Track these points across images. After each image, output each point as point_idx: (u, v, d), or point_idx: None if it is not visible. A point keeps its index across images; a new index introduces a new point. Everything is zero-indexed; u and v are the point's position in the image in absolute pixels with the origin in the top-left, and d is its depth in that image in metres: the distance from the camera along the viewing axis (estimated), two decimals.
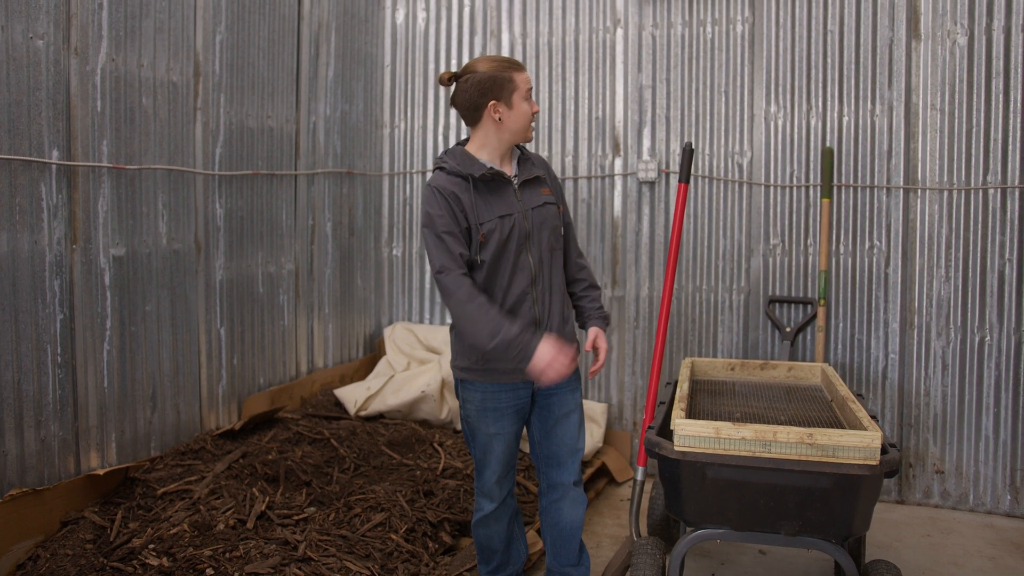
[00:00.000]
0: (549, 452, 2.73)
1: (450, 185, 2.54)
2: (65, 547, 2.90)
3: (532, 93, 2.64)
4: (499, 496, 2.74)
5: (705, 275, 4.41)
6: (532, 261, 2.62)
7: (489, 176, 2.56)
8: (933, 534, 3.72)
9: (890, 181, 4.07)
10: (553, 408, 2.70)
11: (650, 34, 4.46)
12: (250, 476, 3.46)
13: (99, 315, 3.21)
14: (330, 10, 4.51)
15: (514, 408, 2.67)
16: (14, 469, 2.91)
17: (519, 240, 2.58)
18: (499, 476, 2.72)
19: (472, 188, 2.55)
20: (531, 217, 2.61)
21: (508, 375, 2.61)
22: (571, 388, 2.73)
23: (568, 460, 2.72)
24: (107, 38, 3.18)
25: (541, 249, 2.63)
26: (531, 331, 2.51)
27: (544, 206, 2.65)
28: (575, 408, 2.73)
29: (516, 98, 2.57)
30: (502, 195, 2.59)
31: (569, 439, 2.71)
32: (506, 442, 2.68)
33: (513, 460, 2.74)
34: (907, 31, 4.01)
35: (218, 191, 3.79)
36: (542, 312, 2.64)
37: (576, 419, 2.73)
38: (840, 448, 2.40)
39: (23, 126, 2.88)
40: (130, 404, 3.38)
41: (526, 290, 2.61)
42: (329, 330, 4.67)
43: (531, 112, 2.61)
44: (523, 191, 2.64)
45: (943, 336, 4.01)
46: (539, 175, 2.67)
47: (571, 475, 2.72)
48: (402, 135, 5.03)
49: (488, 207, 2.55)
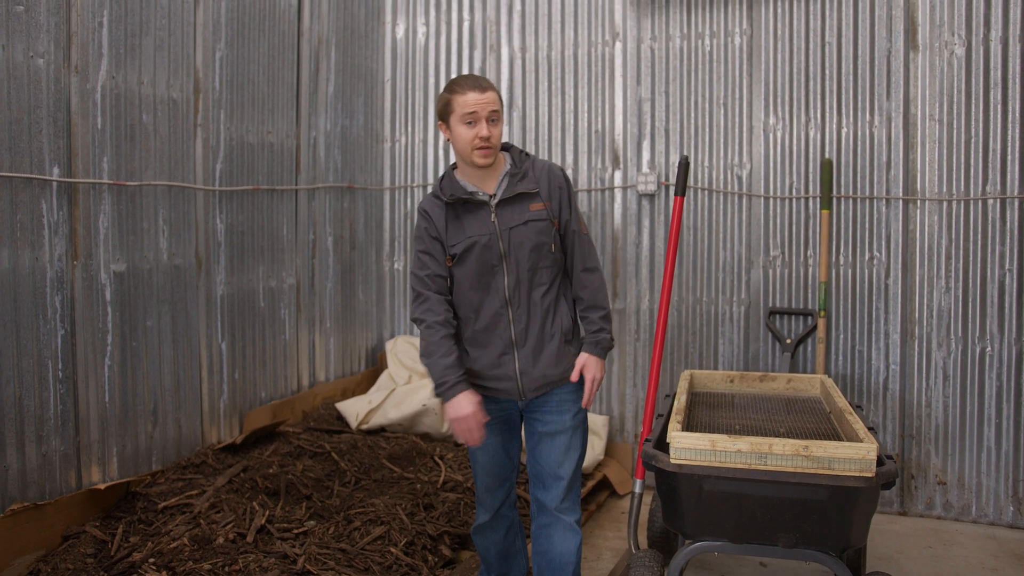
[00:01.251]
0: (533, 471, 2.67)
1: (430, 207, 2.60)
2: (66, 561, 2.91)
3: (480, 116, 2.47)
4: (490, 506, 2.73)
5: (705, 287, 4.41)
6: (507, 282, 2.57)
7: (456, 200, 2.56)
8: (935, 546, 3.70)
9: (889, 192, 4.07)
10: (536, 425, 2.65)
11: (649, 47, 4.48)
12: (251, 490, 3.46)
13: (100, 330, 3.23)
14: (330, 26, 4.55)
15: (499, 419, 2.65)
16: (16, 484, 2.93)
17: (490, 261, 2.55)
18: (487, 486, 2.71)
19: (447, 210, 2.58)
20: (508, 237, 2.55)
21: (487, 389, 2.62)
22: (560, 409, 2.62)
23: (551, 481, 2.61)
24: (107, 56, 3.21)
25: (519, 269, 2.56)
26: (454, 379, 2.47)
27: (528, 224, 2.56)
28: (563, 430, 2.61)
29: (453, 121, 2.52)
30: (477, 216, 2.57)
31: (551, 461, 2.61)
32: (489, 454, 2.67)
33: (504, 473, 2.71)
34: (905, 42, 4.02)
35: (219, 206, 3.82)
36: (518, 334, 2.58)
37: (561, 442, 2.61)
38: (836, 460, 2.40)
39: (24, 144, 2.91)
40: (131, 419, 3.40)
41: (499, 311, 2.58)
42: (331, 344, 4.69)
43: (472, 136, 2.48)
44: (502, 210, 2.57)
45: (944, 347, 4.01)
46: (526, 191, 2.56)
47: (554, 499, 2.61)
48: (403, 149, 5.06)
49: (458, 229, 2.56)
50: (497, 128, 2.53)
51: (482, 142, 2.49)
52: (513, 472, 2.75)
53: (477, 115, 2.48)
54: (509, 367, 2.59)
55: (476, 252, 2.55)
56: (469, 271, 2.57)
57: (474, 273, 2.56)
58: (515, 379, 2.59)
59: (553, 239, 2.60)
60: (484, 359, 2.60)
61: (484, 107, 2.48)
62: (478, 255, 2.55)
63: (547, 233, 2.58)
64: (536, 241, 2.56)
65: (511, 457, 2.72)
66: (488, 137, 2.49)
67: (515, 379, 2.59)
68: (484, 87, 2.50)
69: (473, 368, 2.61)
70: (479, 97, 2.48)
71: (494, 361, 2.59)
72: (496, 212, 2.56)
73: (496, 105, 2.52)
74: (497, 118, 2.53)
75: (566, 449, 2.62)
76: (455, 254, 2.57)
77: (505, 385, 2.60)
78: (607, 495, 4.29)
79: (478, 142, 2.49)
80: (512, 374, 2.59)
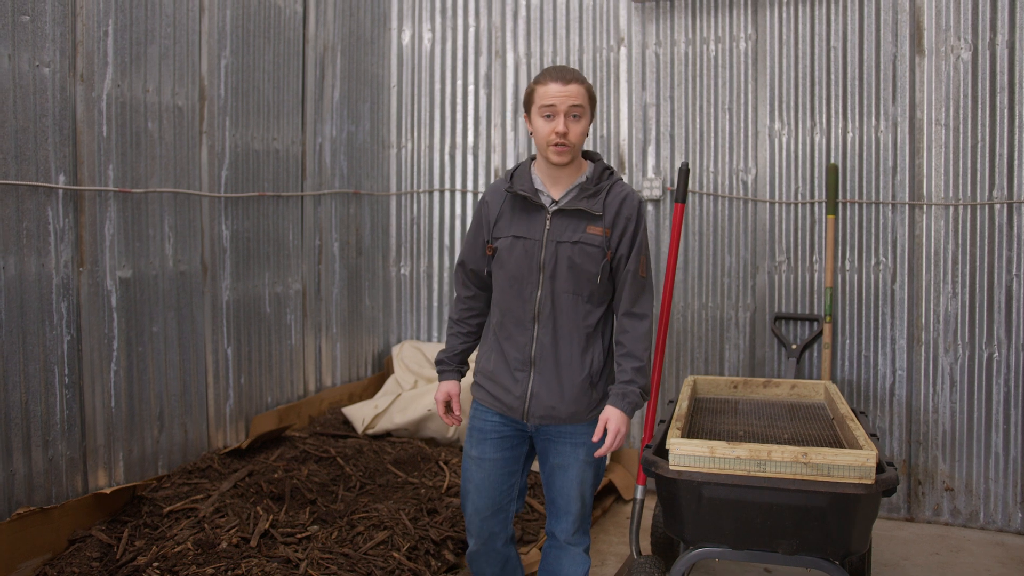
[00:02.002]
0: (548, 498, 2.56)
1: (492, 193, 2.54)
2: (72, 565, 2.94)
3: (560, 110, 2.33)
4: (480, 535, 2.55)
5: (711, 292, 4.41)
6: (539, 296, 2.42)
7: (516, 194, 2.45)
8: (942, 552, 3.67)
9: (895, 197, 4.05)
10: (548, 456, 2.52)
11: (653, 52, 4.48)
12: (255, 495, 3.48)
13: (106, 336, 3.26)
14: (335, 33, 4.58)
15: (499, 435, 2.51)
16: (22, 488, 2.95)
17: (528, 268, 2.42)
18: (476, 508, 2.53)
19: (507, 201, 2.48)
20: (552, 249, 2.40)
21: (491, 399, 2.52)
22: (572, 442, 2.48)
23: (561, 514, 2.52)
24: (112, 65, 3.24)
25: (555, 287, 2.40)
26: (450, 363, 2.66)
27: (577, 244, 2.38)
28: (575, 463, 2.48)
29: (533, 112, 2.39)
30: (531, 217, 2.43)
31: (564, 493, 2.50)
32: (485, 470, 2.50)
33: (500, 499, 2.53)
34: (911, 47, 4.01)
35: (224, 213, 3.84)
36: (539, 354, 2.44)
37: (574, 475, 2.48)
38: (835, 467, 2.39)
39: (30, 152, 2.94)
40: (138, 424, 3.42)
41: (525, 324, 2.45)
42: (337, 349, 4.71)
43: (549, 131, 2.33)
44: (557, 220, 2.41)
45: (951, 352, 3.98)
46: (588, 209, 2.38)
47: (563, 532, 2.52)
48: (409, 155, 5.08)
49: (509, 224, 2.45)
50: (578, 125, 2.35)
51: (558, 138, 2.33)
52: (511, 504, 2.56)
53: (556, 108, 2.32)
54: (521, 385, 2.46)
55: (516, 253, 2.42)
56: (505, 271, 2.46)
57: (509, 276, 2.45)
58: (523, 400, 2.45)
59: (601, 270, 2.40)
60: (499, 370, 2.50)
61: (564, 101, 2.32)
62: (517, 257, 2.42)
63: (595, 261, 2.39)
64: (580, 264, 2.39)
65: (511, 482, 2.54)
66: (565, 133, 2.33)
67: (523, 400, 2.45)
68: (568, 79, 2.33)
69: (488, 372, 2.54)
70: (560, 90, 2.32)
71: (507, 374, 2.48)
72: (551, 220, 2.41)
73: (579, 100, 2.34)
74: (581, 114, 2.35)
75: (579, 483, 2.50)
76: (496, 248, 2.47)
77: (511, 402, 2.47)
78: (612, 500, 4.28)
79: (554, 138, 2.33)
80: (522, 394, 2.45)
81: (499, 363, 2.50)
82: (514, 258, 2.43)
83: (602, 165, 2.49)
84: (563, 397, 2.44)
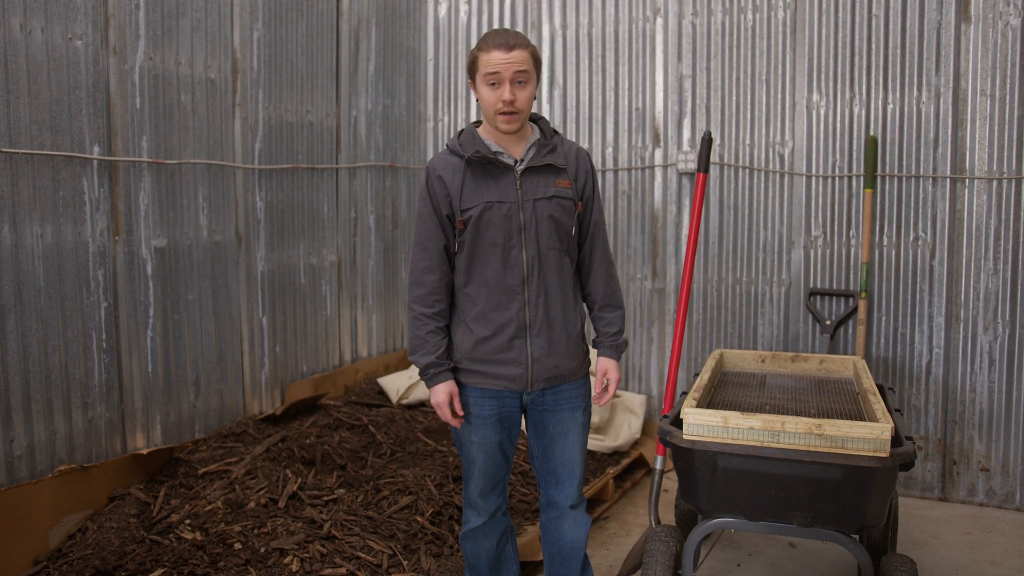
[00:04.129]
0: (547, 469, 2.54)
1: (441, 167, 2.38)
2: (111, 520, 3.07)
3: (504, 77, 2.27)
4: (485, 511, 2.54)
5: (745, 267, 4.36)
6: (525, 258, 2.37)
7: (480, 158, 2.34)
8: (973, 532, 3.60)
9: (936, 170, 3.94)
10: (547, 425, 2.49)
11: (690, 22, 4.42)
12: (287, 459, 3.58)
13: (142, 303, 3.37)
14: (370, 5, 4.60)
15: (497, 417, 2.46)
16: (64, 447, 3.09)
17: (509, 232, 2.35)
18: (482, 489, 2.51)
19: (466, 169, 2.37)
20: (530, 208, 2.36)
21: (490, 379, 2.42)
22: (570, 406, 2.48)
23: (565, 481, 2.52)
24: (144, 37, 3.32)
25: (539, 245, 2.37)
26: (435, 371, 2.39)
27: (553, 199, 2.37)
28: (574, 427, 2.49)
29: (479, 80, 2.32)
30: (498, 181, 2.36)
31: (567, 460, 2.50)
32: (488, 453, 2.47)
33: (500, 474, 2.53)
34: (956, 13, 3.87)
35: (258, 184, 3.92)
36: (532, 317, 2.39)
37: (575, 439, 2.49)
38: (849, 439, 2.36)
39: (64, 123, 3.04)
40: (174, 388, 3.54)
41: (515, 290, 2.38)
42: (373, 321, 4.78)
43: (495, 99, 2.28)
44: (527, 178, 2.37)
45: (990, 330, 3.88)
46: (555, 163, 2.39)
47: (568, 498, 2.53)
48: (446, 128, 5.10)
49: (476, 192, 2.35)
50: (524, 91, 2.30)
51: (505, 106, 2.28)
52: (507, 474, 2.57)
53: (500, 76, 2.26)
54: (520, 352, 2.40)
55: (493, 219, 2.34)
56: (483, 240, 2.36)
57: (488, 243, 2.35)
58: (526, 366, 2.40)
59: (575, 222, 2.42)
60: (493, 342, 2.39)
61: (508, 67, 2.25)
62: (496, 223, 2.34)
63: (570, 213, 2.40)
64: (560, 218, 2.38)
65: (507, 457, 2.53)
66: (512, 101, 2.27)
67: (526, 366, 2.40)
68: (511, 45, 2.26)
69: (477, 352, 2.41)
70: (503, 57, 2.25)
71: (504, 344, 2.39)
72: (521, 179, 2.36)
73: (524, 65, 2.27)
74: (527, 80, 2.29)
75: (579, 446, 2.50)
76: (468, 219, 2.34)
77: (513, 372, 2.40)
78: (643, 473, 4.29)
79: (501, 106, 2.28)
80: (524, 359, 2.40)
81: (489, 339, 2.40)
82: (492, 224, 2.35)
83: (547, 123, 2.48)
84: (564, 354, 2.43)
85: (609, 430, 4.32)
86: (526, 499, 3.61)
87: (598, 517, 3.74)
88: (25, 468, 2.95)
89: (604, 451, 4.18)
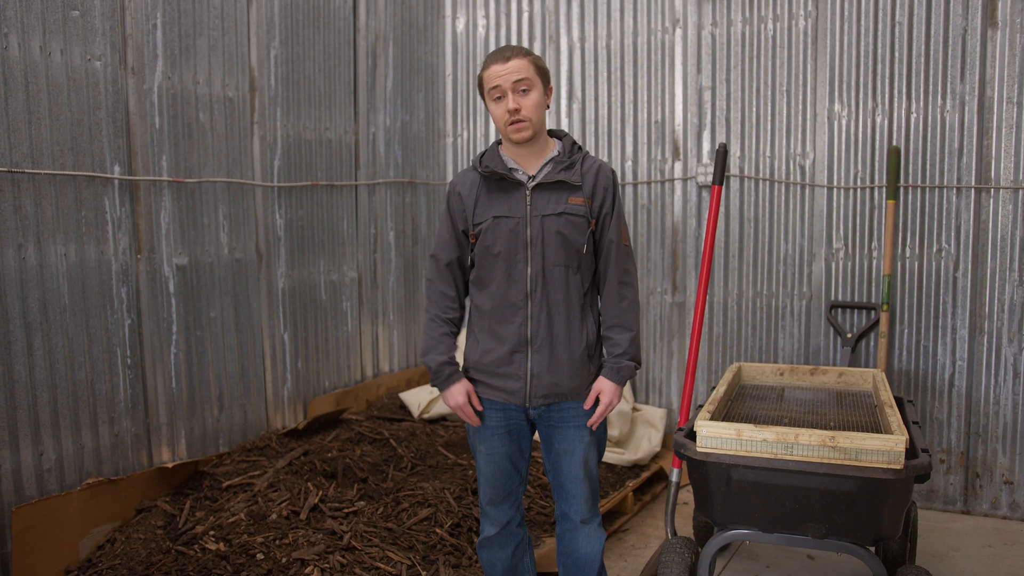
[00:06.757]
0: (557, 483, 2.55)
1: (461, 183, 2.47)
2: (138, 532, 3.14)
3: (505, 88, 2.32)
4: (497, 521, 2.57)
5: (765, 280, 4.33)
6: (529, 273, 2.40)
7: (491, 174, 2.41)
8: (995, 545, 3.54)
9: (960, 181, 3.89)
10: (553, 442, 2.51)
11: (709, 33, 4.41)
12: (309, 472, 3.62)
13: (165, 320, 3.44)
14: (387, 21, 4.65)
15: (505, 428, 2.49)
16: (91, 460, 3.16)
17: (515, 246, 2.39)
18: (491, 499, 2.55)
19: (481, 185, 2.44)
20: (537, 224, 2.38)
21: (494, 391, 2.46)
22: (576, 424, 2.47)
23: (573, 497, 2.52)
24: (162, 57, 3.39)
25: (545, 263, 2.39)
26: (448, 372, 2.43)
27: (563, 215, 2.38)
28: (579, 446, 2.48)
29: (487, 100, 2.38)
30: (510, 196, 2.40)
31: (573, 477, 2.50)
32: (495, 464, 2.50)
33: (510, 485, 2.55)
34: (982, 19, 3.82)
35: (278, 202, 3.98)
36: (535, 332, 2.41)
37: (579, 458, 2.48)
38: (863, 451, 2.34)
39: (85, 144, 3.11)
40: (198, 404, 3.60)
41: (517, 304, 2.41)
42: (394, 336, 4.82)
43: (502, 112, 2.33)
44: (538, 195, 2.39)
45: (1015, 343, 3.81)
46: (568, 180, 2.38)
47: (578, 513, 2.53)
48: (465, 144, 5.13)
49: (487, 206, 2.41)
50: (528, 98, 2.33)
51: (511, 116, 2.32)
52: (520, 486, 2.58)
53: (502, 88, 2.31)
54: (520, 367, 2.42)
55: (501, 234, 2.38)
56: (490, 254, 2.41)
57: (494, 257, 2.40)
58: (524, 381, 2.42)
59: (587, 240, 2.41)
60: (495, 354, 2.44)
61: (507, 78, 2.30)
62: (502, 237, 2.38)
63: (581, 231, 2.40)
64: (568, 235, 2.38)
65: (518, 470, 2.55)
66: (517, 109, 2.31)
67: (524, 381, 2.42)
68: (508, 56, 2.31)
69: (482, 362, 2.47)
70: (501, 69, 2.30)
71: (504, 358, 2.43)
72: (532, 195, 2.39)
73: (523, 72, 2.31)
74: (529, 87, 2.32)
75: (585, 464, 2.50)
76: (478, 232, 2.41)
77: (512, 386, 2.43)
78: (663, 486, 4.27)
79: (507, 116, 2.32)
80: (522, 374, 2.42)
81: (493, 351, 2.45)
82: (499, 238, 2.39)
83: (571, 140, 2.48)
84: (564, 372, 2.43)
85: (629, 443, 4.31)
86: (544, 511, 3.61)
87: (617, 529, 3.73)
88: (55, 481, 3.02)
89: (624, 464, 4.17)
